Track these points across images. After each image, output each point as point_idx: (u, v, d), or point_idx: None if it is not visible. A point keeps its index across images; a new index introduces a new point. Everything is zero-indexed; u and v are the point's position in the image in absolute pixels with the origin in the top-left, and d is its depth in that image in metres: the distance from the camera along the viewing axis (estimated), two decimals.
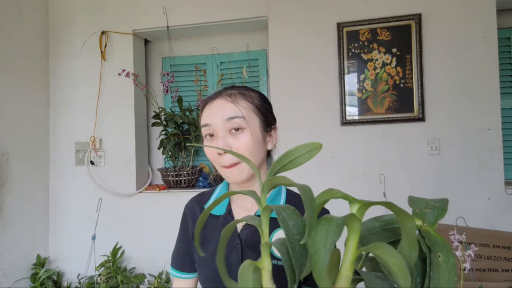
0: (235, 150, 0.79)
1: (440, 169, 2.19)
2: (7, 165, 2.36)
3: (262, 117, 0.85)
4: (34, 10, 2.62)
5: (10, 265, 2.35)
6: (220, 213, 0.89)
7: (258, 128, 0.83)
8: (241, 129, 0.80)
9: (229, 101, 0.82)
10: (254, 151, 0.82)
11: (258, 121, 0.84)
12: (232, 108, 0.81)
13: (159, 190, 2.56)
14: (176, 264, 0.95)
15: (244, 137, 0.80)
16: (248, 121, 0.81)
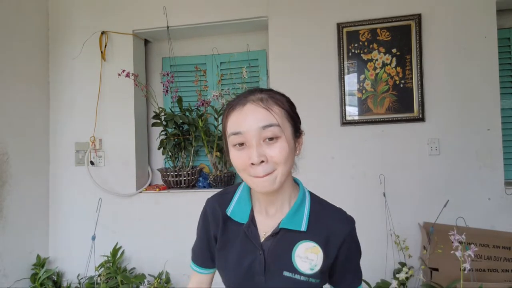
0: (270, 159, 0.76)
1: (440, 169, 2.19)
2: (7, 165, 2.36)
3: (293, 122, 0.81)
4: (34, 10, 2.62)
5: (10, 265, 2.35)
6: (242, 220, 0.86)
7: (291, 135, 0.80)
8: (276, 138, 0.76)
9: (262, 107, 0.76)
10: (288, 159, 0.78)
11: (290, 128, 0.80)
12: (267, 115, 0.76)
13: (159, 190, 2.56)
14: (197, 260, 0.95)
15: (280, 146, 0.76)
16: (283, 128, 0.77)
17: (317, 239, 0.81)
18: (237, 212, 0.87)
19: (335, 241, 0.82)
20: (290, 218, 0.83)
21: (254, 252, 0.83)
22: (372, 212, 2.25)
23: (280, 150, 0.76)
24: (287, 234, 0.82)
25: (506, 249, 1.95)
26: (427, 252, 1.99)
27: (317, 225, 0.83)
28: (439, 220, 2.07)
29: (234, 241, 0.86)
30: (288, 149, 0.77)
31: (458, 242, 1.41)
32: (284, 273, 0.81)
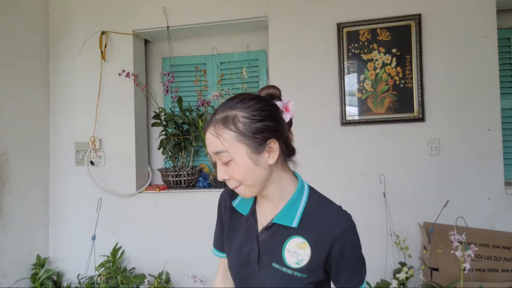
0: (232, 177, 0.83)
1: (440, 169, 2.19)
2: (7, 165, 2.36)
3: (249, 141, 0.80)
4: (34, 10, 2.62)
5: (10, 265, 2.35)
6: (244, 212, 0.93)
7: (245, 155, 0.80)
8: (228, 161, 0.81)
9: (213, 134, 0.82)
10: (248, 175, 0.82)
11: (244, 148, 0.80)
12: (215, 143, 0.81)
13: (159, 190, 2.56)
14: (218, 246, 1.04)
15: (233, 167, 0.81)
16: (232, 152, 0.80)
17: (307, 235, 0.84)
18: (241, 205, 0.94)
19: (326, 239, 0.82)
20: (284, 214, 0.86)
21: (251, 242, 0.89)
22: (372, 212, 2.25)
23: (235, 171, 0.82)
24: (280, 228, 0.86)
25: (506, 249, 1.95)
26: (427, 252, 1.99)
27: (309, 222, 0.85)
28: (439, 220, 2.07)
29: (238, 231, 0.94)
30: (244, 168, 0.81)
31: (458, 242, 1.41)
32: (273, 265, 0.85)
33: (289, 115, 0.88)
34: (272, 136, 0.82)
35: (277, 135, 0.83)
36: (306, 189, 0.91)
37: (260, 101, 0.83)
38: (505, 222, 2.10)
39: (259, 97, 0.85)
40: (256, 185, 0.84)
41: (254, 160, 0.81)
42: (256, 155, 0.81)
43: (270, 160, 0.83)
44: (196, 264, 2.46)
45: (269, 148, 0.82)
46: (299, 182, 0.91)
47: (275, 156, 0.83)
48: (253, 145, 0.81)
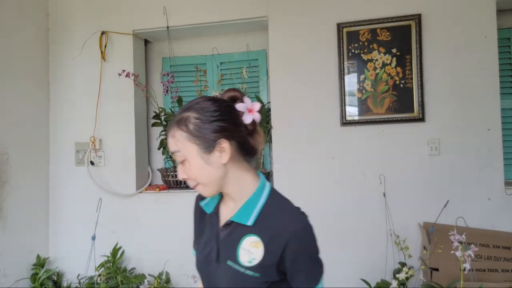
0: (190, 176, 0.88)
1: (440, 169, 2.19)
2: (7, 165, 2.36)
3: (199, 141, 0.84)
4: (34, 10, 2.62)
5: (10, 265, 2.35)
6: (208, 211, 0.97)
7: (197, 154, 0.85)
8: (183, 161, 0.87)
9: (170, 136, 0.87)
10: (203, 173, 0.86)
11: (195, 148, 0.84)
12: (171, 143, 0.87)
13: (159, 190, 2.56)
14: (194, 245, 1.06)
15: (188, 167, 0.86)
16: (185, 152, 0.85)
17: (262, 235, 0.85)
18: (208, 204, 0.98)
19: (279, 241, 0.83)
20: (241, 212, 0.88)
21: (213, 240, 0.91)
22: (372, 212, 2.25)
23: (189, 170, 0.87)
24: (238, 227, 0.88)
25: (506, 249, 1.95)
26: (427, 252, 1.99)
27: (265, 222, 0.86)
28: (439, 220, 2.07)
29: (204, 230, 0.98)
30: (197, 167, 0.85)
31: (458, 242, 1.41)
32: (227, 262, 0.87)
33: (252, 116, 0.88)
34: (223, 136, 0.84)
35: (229, 135, 0.85)
36: (267, 189, 0.91)
37: (215, 103, 0.87)
38: (505, 222, 2.10)
39: (216, 99, 0.88)
40: (211, 183, 0.87)
41: (205, 159, 0.85)
42: (207, 155, 0.85)
43: (222, 159, 0.85)
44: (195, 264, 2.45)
45: (220, 148, 0.85)
46: (260, 182, 0.92)
47: (226, 156, 0.85)
48: (203, 144, 0.84)
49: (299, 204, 0.93)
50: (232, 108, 0.88)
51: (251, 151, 0.91)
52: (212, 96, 0.90)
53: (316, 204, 2.31)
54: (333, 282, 2.29)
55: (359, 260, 2.27)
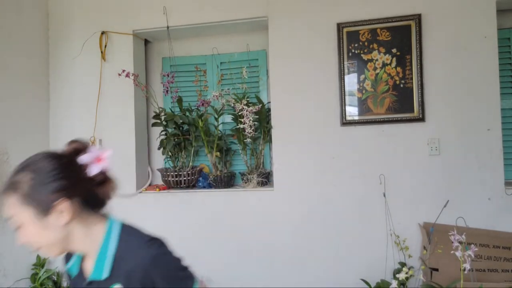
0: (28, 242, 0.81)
1: (440, 169, 2.19)
2: (7, 165, 2.36)
3: (35, 204, 0.78)
4: (34, 10, 2.62)
5: (10, 265, 2.35)
6: (73, 274, 0.91)
7: (33, 219, 0.79)
8: (18, 227, 0.80)
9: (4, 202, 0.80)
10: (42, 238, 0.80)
11: (31, 211, 0.78)
12: (5, 210, 0.80)
13: (159, 190, 2.56)
14: None
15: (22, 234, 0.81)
16: (20, 217, 0.79)
17: (121, 280, 0.83)
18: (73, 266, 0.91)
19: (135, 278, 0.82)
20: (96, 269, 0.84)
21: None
22: (372, 212, 2.25)
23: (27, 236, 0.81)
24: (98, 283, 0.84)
25: (506, 249, 1.95)
26: (427, 252, 1.99)
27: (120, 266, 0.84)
28: (439, 220, 2.07)
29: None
30: (33, 232, 0.80)
31: (458, 242, 1.41)
32: None
33: (99, 166, 0.85)
34: (61, 196, 0.79)
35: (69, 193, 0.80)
36: (116, 232, 0.88)
37: (53, 160, 0.81)
38: (505, 222, 2.10)
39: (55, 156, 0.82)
40: (54, 246, 0.82)
41: (42, 223, 0.79)
42: (42, 219, 0.79)
43: (61, 221, 0.80)
44: (196, 263, 2.45)
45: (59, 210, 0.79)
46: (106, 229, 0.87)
47: (66, 216, 0.80)
48: (39, 208, 0.78)
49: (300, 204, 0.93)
50: (72, 163, 0.83)
51: (100, 202, 0.89)
52: (51, 153, 0.83)
53: (316, 204, 2.31)
54: (333, 282, 2.29)
55: (359, 260, 2.27)
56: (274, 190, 2.37)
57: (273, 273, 2.37)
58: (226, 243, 2.43)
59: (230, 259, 2.41)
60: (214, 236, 2.43)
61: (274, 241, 2.37)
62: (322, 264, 2.31)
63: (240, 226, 2.42)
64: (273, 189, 2.37)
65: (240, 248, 2.42)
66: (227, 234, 2.43)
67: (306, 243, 2.33)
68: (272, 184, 2.43)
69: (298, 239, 2.34)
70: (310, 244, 2.32)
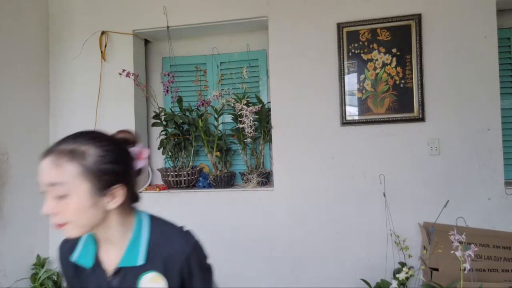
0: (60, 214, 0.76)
1: (440, 169, 2.19)
2: (7, 165, 2.36)
3: (95, 180, 0.76)
4: (34, 10, 2.62)
5: (10, 265, 2.35)
6: (88, 265, 0.87)
7: (86, 194, 0.76)
8: (62, 196, 0.75)
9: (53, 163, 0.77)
10: (84, 214, 0.77)
11: (87, 186, 0.76)
12: (53, 174, 0.76)
13: (159, 190, 2.56)
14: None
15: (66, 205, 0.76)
16: (72, 187, 0.75)
17: (157, 268, 0.83)
18: (83, 257, 0.87)
19: (175, 267, 0.83)
20: (128, 255, 0.83)
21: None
22: (372, 212, 2.25)
23: (67, 207, 0.76)
24: (129, 271, 0.83)
25: (506, 249, 1.95)
26: (427, 252, 1.99)
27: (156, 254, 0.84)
28: (439, 220, 2.07)
29: (87, 285, 0.87)
30: (79, 207, 0.76)
31: (458, 242, 1.41)
32: None
33: (141, 163, 0.87)
34: (119, 181, 0.80)
35: (124, 181, 0.81)
36: (147, 222, 0.88)
37: (113, 144, 0.83)
38: (505, 222, 2.10)
39: (113, 140, 0.85)
40: (87, 226, 0.79)
41: (93, 201, 0.77)
42: (97, 197, 0.77)
43: (111, 205, 0.80)
44: None
45: (113, 193, 0.79)
46: (137, 219, 0.88)
47: (117, 202, 0.80)
48: (97, 185, 0.77)
49: (300, 204, 0.94)
50: (127, 153, 0.85)
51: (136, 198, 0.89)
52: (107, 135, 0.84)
53: (316, 204, 2.31)
54: (333, 282, 2.29)
55: (359, 260, 2.27)
56: (274, 190, 2.37)
57: (273, 273, 2.37)
58: (226, 243, 2.43)
59: (230, 259, 2.41)
60: (214, 236, 2.43)
61: (274, 241, 2.37)
62: (322, 264, 2.31)
63: (240, 226, 2.42)
64: (273, 189, 2.37)
65: (240, 248, 2.42)
66: (227, 234, 2.44)
67: (306, 243, 2.33)
68: (272, 184, 2.43)
69: (298, 239, 2.34)
70: (310, 244, 2.32)
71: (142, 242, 0.84)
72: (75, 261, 0.88)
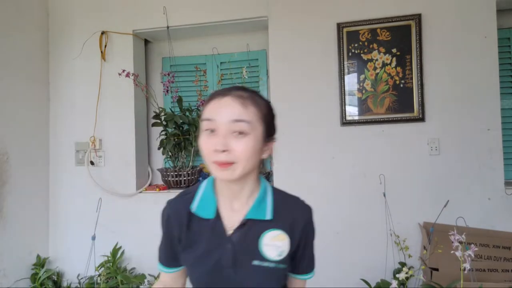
0: (233, 151, 0.80)
1: (440, 169, 2.19)
2: (7, 165, 2.36)
3: (266, 126, 0.85)
4: (34, 10, 2.62)
5: (10, 265, 2.35)
6: (208, 216, 0.88)
7: (260, 136, 0.83)
8: (243, 134, 0.80)
9: (239, 102, 0.81)
10: (251, 157, 0.82)
11: (261, 129, 0.84)
12: (240, 111, 0.80)
13: (159, 190, 2.56)
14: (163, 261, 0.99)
15: (245, 142, 0.80)
16: (253, 128, 0.81)
17: (283, 227, 0.87)
18: (202, 209, 0.89)
19: (297, 228, 0.88)
20: (256, 209, 0.87)
21: (221, 246, 0.86)
22: (372, 212, 2.25)
23: (244, 146, 0.80)
24: (254, 225, 0.86)
25: (506, 249, 1.95)
26: (427, 252, 1.99)
27: (281, 214, 0.88)
28: (439, 220, 2.07)
29: (200, 238, 0.89)
30: (253, 148, 0.81)
31: (458, 242, 1.41)
32: (253, 263, 0.84)
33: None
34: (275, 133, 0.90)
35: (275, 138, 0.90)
36: (269, 185, 0.95)
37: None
38: (505, 222, 2.10)
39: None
40: (248, 169, 0.83)
41: (261, 146, 0.84)
42: (263, 143, 0.85)
43: (265, 155, 0.87)
44: None
45: (269, 144, 0.88)
46: (262, 180, 0.94)
47: (269, 152, 0.87)
48: (266, 132, 0.85)
49: None
50: None
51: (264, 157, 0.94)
52: None
53: (316, 204, 2.31)
54: (333, 282, 2.29)
55: (359, 260, 2.27)
56: None
57: None
58: None
59: None
60: None
61: None
62: (322, 264, 2.30)
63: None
64: None
65: None
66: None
67: None
68: (272, 184, 2.43)
69: None
70: None
71: (268, 200, 0.89)
72: (195, 211, 0.89)
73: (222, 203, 0.90)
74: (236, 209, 0.88)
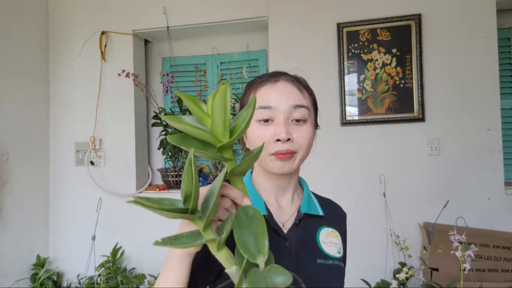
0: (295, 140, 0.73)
1: (440, 169, 2.19)
2: (7, 165, 2.36)
3: (315, 112, 0.80)
4: (34, 10, 2.62)
5: (10, 265, 2.35)
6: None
7: (314, 123, 0.78)
8: (303, 121, 0.74)
9: (296, 87, 0.75)
10: (309, 145, 0.76)
11: (314, 117, 0.79)
12: (299, 96, 0.74)
13: (159, 190, 2.56)
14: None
15: (306, 129, 0.74)
16: (309, 114, 0.76)
17: (332, 224, 0.82)
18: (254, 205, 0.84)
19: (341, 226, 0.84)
20: (308, 204, 0.80)
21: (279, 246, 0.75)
22: (372, 212, 2.25)
23: (305, 133, 0.74)
24: (307, 222, 0.79)
25: (506, 249, 1.95)
26: (427, 252, 1.99)
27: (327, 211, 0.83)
28: (439, 220, 2.07)
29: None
30: (311, 135, 0.76)
31: (458, 242, 1.41)
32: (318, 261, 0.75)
33: None
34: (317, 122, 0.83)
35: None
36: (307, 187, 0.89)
37: None
38: (505, 222, 2.10)
39: None
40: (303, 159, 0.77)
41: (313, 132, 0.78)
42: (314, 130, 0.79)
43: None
44: None
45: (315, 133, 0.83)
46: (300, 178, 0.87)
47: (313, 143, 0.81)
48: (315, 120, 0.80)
49: None
50: None
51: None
52: None
53: None
54: None
55: (359, 260, 2.26)
56: None
57: None
58: None
59: None
60: None
61: None
62: None
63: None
64: None
65: None
66: None
67: None
68: None
69: None
70: None
71: (312, 196, 0.84)
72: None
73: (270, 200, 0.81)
74: (283, 207, 0.80)
